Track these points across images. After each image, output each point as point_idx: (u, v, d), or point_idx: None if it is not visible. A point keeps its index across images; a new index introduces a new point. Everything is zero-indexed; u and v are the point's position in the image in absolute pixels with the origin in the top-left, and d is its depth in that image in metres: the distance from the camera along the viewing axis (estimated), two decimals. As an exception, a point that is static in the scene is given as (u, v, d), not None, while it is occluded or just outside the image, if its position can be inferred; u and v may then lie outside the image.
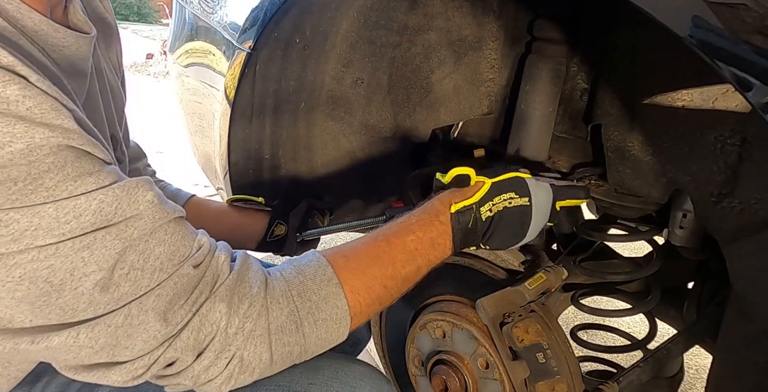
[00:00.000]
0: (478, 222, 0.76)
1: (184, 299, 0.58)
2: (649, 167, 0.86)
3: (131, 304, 0.54)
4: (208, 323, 0.58)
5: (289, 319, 0.63)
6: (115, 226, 0.53)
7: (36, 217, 0.48)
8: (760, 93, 0.49)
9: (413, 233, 0.73)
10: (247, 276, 0.63)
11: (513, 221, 0.78)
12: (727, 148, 0.72)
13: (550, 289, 0.91)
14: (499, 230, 0.78)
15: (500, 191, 0.77)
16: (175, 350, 0.57)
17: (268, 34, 0.99)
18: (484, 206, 0.76)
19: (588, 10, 0.94)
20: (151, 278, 0.55)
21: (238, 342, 0.60)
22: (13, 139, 0.47)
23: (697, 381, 1.81)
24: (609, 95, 0.90)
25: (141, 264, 0.55)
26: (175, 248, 0.58)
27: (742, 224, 0.70)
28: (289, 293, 0.64)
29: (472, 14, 1.07)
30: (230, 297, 0.60)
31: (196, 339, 0.58)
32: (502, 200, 0.77)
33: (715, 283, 0.99)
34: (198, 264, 0.60)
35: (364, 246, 0.72)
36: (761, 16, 0.47)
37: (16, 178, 0.47)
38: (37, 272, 0.49)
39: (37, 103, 0.48)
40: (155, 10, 13.00)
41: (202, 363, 0.59)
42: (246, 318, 0.60)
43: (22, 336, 0.53)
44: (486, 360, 0.92)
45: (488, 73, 1.14)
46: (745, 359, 0.71)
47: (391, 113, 1.14)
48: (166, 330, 0.56)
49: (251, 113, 1.09)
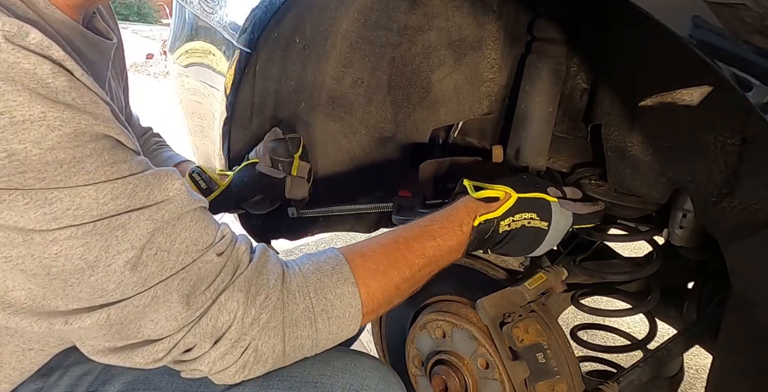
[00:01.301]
0: (494, 234, 0.78)
1: (206, 285, 0.60)
2: (649, 167, 0.86)
3: (157, 286, 0.57)
4: (226, 311, 0.61)
5: (303, 315, 0.65)
6: (148, 208, 0.56)
7: (78, 197, 0.52)
8: (760, 93, 0.49)
9: (434, 240, 0.75)
10: (266, 268, 0.65)
11: (526, 240, 0.81)
12: (727, 148, 0.72)
13: (550, 289, 0.92)
14: (511, 244, 0.81)
15: (524, 208, 0.79)
16: (194, 335, 0.59)
17: (268, 34, 0.99)
18: (504, 220, 0.78)
19: (588, 10, 0.94)
20: (176, 261, 0.58)
21: (253, 333, 0.62)
22: (63, 123, 0.50)
23: (697, 381, 1.81)
24: (609, 95, 0.90)
25: (168, 246, 0.58)
26: (199, 234, 0.61)
27: (742, 224, 0.70)
28: (305, 288, 0.66)
29: (472, 14, 1.07)
30: (248, 288, 0.62)
31: (214, 326, 0.60)
32: (523, 218, 0.79)
33: (715, 283, 0.99)
34: (221, 253, 0.62)
35: (383, 247, 0.73)
36: (761, 16, 0.47)
37: (63, 160, 0.50)
38: (72, 250, 0.52)
39: (80, 94, 0.52)
40: (155, 10, 13.02)
41: (219, 350, 0.61)
42: (262, 310, 0.62)
43: (57, 317, 0.56)
44: (486, 360, 0.92)
45: (488, 73, 1.14)
46: (745, 359, 0.71)
47: (391, 113, 1.14)
48: (187, 313, 0.59)
49: (251, 113, 1.09)
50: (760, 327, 0.67)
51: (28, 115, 0.48)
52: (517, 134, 1.05)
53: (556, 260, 1.01)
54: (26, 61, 0.48)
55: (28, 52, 0.48)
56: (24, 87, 0.48)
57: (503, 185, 0.81)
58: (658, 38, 0.78)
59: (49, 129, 0.49)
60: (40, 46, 0.49)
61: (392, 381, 0.74)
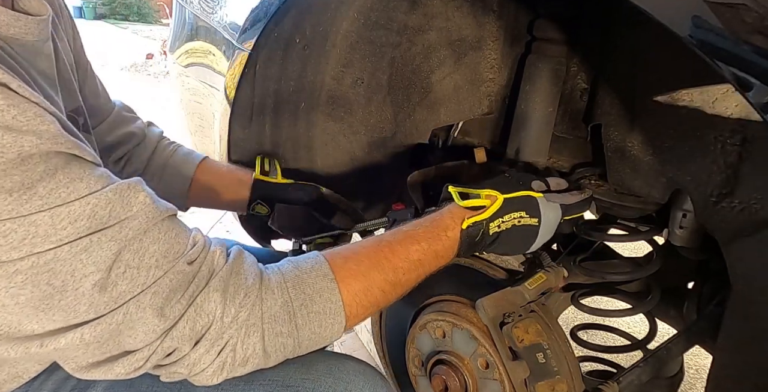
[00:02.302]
0: (485, 236, 0.77)
1: (180, 294, 0.59)
2: (649, 167, 0.86)
3: (129, 302, 0.56)
4: (204, 313, 0.59)
5: (282, 309, 0.63)
6: (110, 228, 0.54)
7: (33, 226, 0.49)
8: (760, 93, 0.49)
9: (418, 244, 0.74)
10: (242, 268, 0.64)
11: (519, 238, 0.81)
12: (727, 148, 0.72)
13: (551, 289, 0.91)
14: (504, 244, 0.80)
15: (512, 208, 0.78)
16: (172, 339, 0.58)
17: (268, 34, 0.99)
18: (494, 222, 0.77)
19: (588, 10, 0.94)
20: (147, 276, 0.57)
21: (231, 331, 0.61)
22: (3, 149, 0.47)
23: (697, 381, 1.81)
24: (609, 95, 0.90)
25: (137, 263, 0.56)
26: (169, 245, 0.59)
27: (742, 224, 0.70)
28: (284, 284, 0.65)
29: (472, 14, 1.07)
30: (225, 287, 0.61)
31: (192, 329, 0.59)
32: (512, 218, 0.78)
33: (715, 283, 0.99)
34: (193, 261, 0.61)
35: (365, 250, 0.72)
36: (761, 16, 0.47)
37: (11, 189, 0.48)
38: (38, 277, 0.51)
39: (21, 111, 0.48)
40: (155, 10, 13.00)
41: (198, 351, 0.60)
42: (241, 308, 0.61)
43: (32, 340, 0.54)
44: (486, 360, 0.92)
45: (488, 73, 1.14)
46: (745, 359, 0.71)
47: (391, 113, 1.14)
48: (164, 324, 0.58)
49: (251, 113, 1.09)
50: (760, 327, 0.67)
51: None
52: (517, 134, 1.05)
53: (556, 260, 1.01)
54: None
55: None
56: None
57: (488, 187, 0.80)
58: (658, 38, 0.78)
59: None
60: None
61: (378, 385, 0.73)
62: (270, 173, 1.10)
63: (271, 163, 1.12)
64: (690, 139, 0.78)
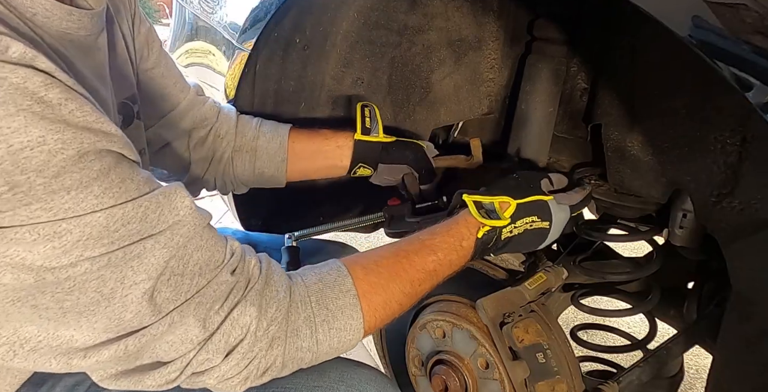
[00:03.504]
0: (497, 241, 0.78)
1: (220, 304, 0.58)
2: (649, 167, 0.86)
3: (174, 312, 0.55)
4: (239, 326, 0.59)
5: (305, 324, 0.63)
6: (162, 234, 0.54)
7: (88, 227, 0.48)
8: (760, 93, 0.49)
9: (435, 254, 0.73)
10: (273, 280, 0.64)
11: (530, 241, 0.82)
12: (727, 148, 0.72)
13: (551, 289, 0.91)
14: (514, 246, 0.81)
15: (525, 214, 0.79)
16: (207, 352, 0.58)
17: (268, 34, 0.99)
18: (507, 228, 0.77)
19: (588, 10, 0.94)
20: (191, 284, 0.56)
21: (262, 344, 0.60)
22: (65, 146, 0.46)
23: (697, 381, 1.81)
24: (609, 95, 0.90)
25: (181, 270, 0.55)
26: (211, 253, 0.58)
27: (742, 224, 0.70)
28: (308, 298, 0.65)
29: (472, 14, 1.07)
30: (260, 301, 0.61)
31: (227, 342, 0.58)
32: (524, 223, 0.79)
33: (715, 283, 0.99)
34: (234, 270, 0.61)
35: (385, 260, 0.72)
36: (761, 16, 0.47)
37: (70, 187, 0.46)
38: (87, 284, 0.49)
39: (78, 105, 0.47)
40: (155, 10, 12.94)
41: (229, 363, 0.59)
42: (272, 322, 0.61)
43: (75, 353, 0.53)
44: (486, 360, 0.92)
45: (488, 73, 1.14)
46: (745, 359, 0.71)
47: (391, 113, 1.14)
48: (203, 334, 0.57)
49: (251, 113, 1.09)
50: (760, 327, 0.67)
51: (27, 141, 0.44)
52: (517, 134, 1.05)
53: (556, 260, 1.01)
54: (14, 75, 0.43)
55: (14, 66, 0.44)
56: (17, 108, 0.43)
57: (499, 192, 0.80)
58: (658, 38, 0.78)
59: (51, 154, 0.45)
60: (24, 58, 0.45)
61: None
62: (372, 130, 1.01)
63: (372, 116, 1.02)
64: (690, 139, 0.78)
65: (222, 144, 1.00)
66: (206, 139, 0.99)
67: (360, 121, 1.00)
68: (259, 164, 1.01)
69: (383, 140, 1.01)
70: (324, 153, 1.02)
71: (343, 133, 1.02)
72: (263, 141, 1.01)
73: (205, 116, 0.99)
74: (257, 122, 1.03)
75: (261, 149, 1.01)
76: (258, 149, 1.01)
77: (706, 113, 0.74)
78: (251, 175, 1.03)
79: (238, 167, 1.02)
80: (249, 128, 1.02)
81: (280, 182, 1.05)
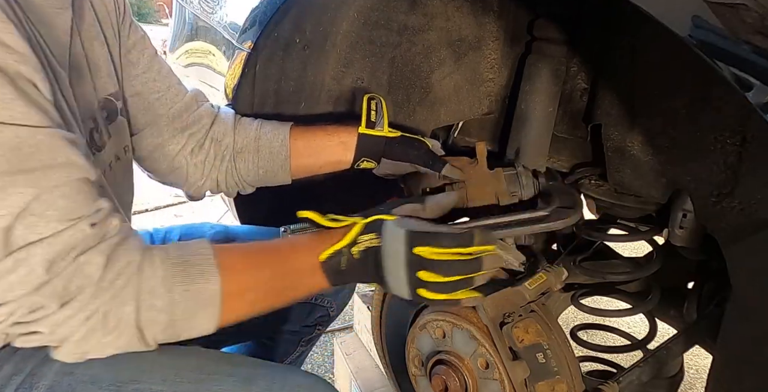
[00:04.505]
0: (353, 263, 0.74)
1: (69, 252, 0.59)
2: (649, 167, 0.86)
3: (21, 250, 0.56)
4: (83, 274, 0.59)
5: (161, 284, 0.63)
6: (33, 173, 0.55)
7: None
8: (760, 93, 0.49)
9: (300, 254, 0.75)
10: (130, 239, 0.65)
11: (372, 258, 0.75)
12: (727, 148, 0.72)
13: (551, 289, 0.91)
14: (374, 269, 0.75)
15: (368, 230, 0.75)
16: (42, 295, 0.57)
17: (268, 34, 0.99)
18: (354, 247, 0.74)
19: (588, 10, 0.94)
20: (46, 227, 0.57)
21: (105, 298, 0.60)
22: None
23: (697, 381, 1.81)
24: (609, 95, 0.90)
25: (40, 212, 0.56)
26: (76, 205, 0.59)
27: (742, 224, 0.70)
28: (168, 261, 0.65)
29: (472, 14, 1.07)
30: (110, 252, 0.61)
31: (66, 287, 0.58)
32: (364, 239, 0.75)
33: (715, 283, 0.99)
34: (93, 224, 0.61)
35: (246, 246, 0.76)
36: (761, 16, 0.47)
37: None
38: None
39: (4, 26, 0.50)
40: (155, 10, 12.96)
41: (65, 312, 0.59)
42: (119, 275, 0.61)
43: None
44: (486, 360, 0.92)
45: (488, 73, 1.14)
46: (745, 359, 0.71)
47: (391, 113, 1.14)
48: (45, 277, 0.57)
49: (251, 113, 1.09)
50: (760, 327, 0.67)
51: None
52: (517, 134, 1.05)
53: (556, 260, 1.02)
54: None
55: None
56: None
57: (354, 217, 0.79)
58: (658, 38, 0.78)
59: None
60: None
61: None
62: (376, 124, 0.99)
63: (378, 109, 1.00)
64: (690, 139, 0.78)
65: (221, 148, 1.00)
66: (203, 143, 1.00)
67: (365, 114, 0.99)
68: (262, 163, 1.02)
69: (387, 134, 0.99)
70: (327, 149, 1.02)
71: (346, 128, 1.01)
72: (265, 141, 1.01)
73: (200, 120, 0.99)
74: (258, 124, 1.03)
75: (263, 148, 1.01)
76: (260, 149, 1.01)
77: (706, 113, 0.74)
78: (255, 175, 1.03)
79: (241, 169, 1.02)
80: (250, 129, 1.02)
81: (285, 180, 1.05)
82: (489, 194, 0.99)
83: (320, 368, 2.01)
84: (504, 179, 0.99)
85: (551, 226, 0.87)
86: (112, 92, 0.85)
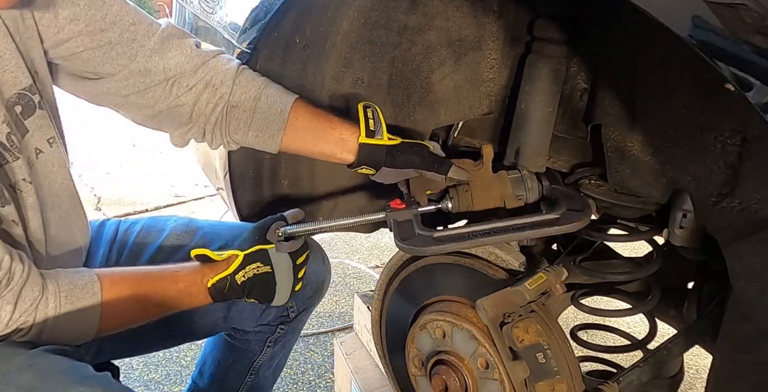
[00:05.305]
0: (234, 286, 0.96)
1: None
2: (649, 167, 0.86)
3: None
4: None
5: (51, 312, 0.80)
6: None
7: None
8: (760, 93, 0.49)
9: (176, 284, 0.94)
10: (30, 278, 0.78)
11: (263, 284, 0.99)
12: (727, 148, 0.72)
13: (551, 289, 0.91)
14: (255, 291, 0.99)
15: (250, 261, 0.97)
16: None
17: (268, 34, 0.99)
18: (238, 274, 0.96)
19: (588, 10, 0.94)
20: None
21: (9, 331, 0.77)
22: None
23: (697, 381, 1.81)
24: (609, 95, 0.90)
25: None
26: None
27: (742, 224, 0.70)
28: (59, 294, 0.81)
29: (472, 14, 1.07)
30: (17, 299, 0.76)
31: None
32: (251, 268, 0.97)
33: (715, 283, 0.99)
34: None
35: (132, 273, 0.95)
36: (761, 16, 0.47)
37: None
38: None
39: None
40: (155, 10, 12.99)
41: None
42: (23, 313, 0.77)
43: None
44: (486, 360, 0.92)
45: (488, 73, 1.14)
46: (745, 359, 0.71)
47: (391, 113, 1.14)
48: None
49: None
50: (760, 327, 0.68)
51: None
52: (517, 134, 1.05)
53: (556, 260, 1.02)
54: None
55: None
56: None
57: (233, 248, 0.98)
58: (657, 38, 0.78)
59: None
60: None
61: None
62: (376, 132, 0.97)
63: (375, 117, 0.98)
64: (690, 139, 0.78)
65: (215, 96, 0.95)
66: (194, 86, 0.94)
67: (363, 122, 0.97)
68: (254, 126, 0.97)
69: (388, 142, 0.98)
70: (325, 141, 0.99)
71: (349, 125, 0.99)
72: (263, 104, 0.96)
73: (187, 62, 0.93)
74: (262, 82, 0.98)
75: (260, 111, 0.96)
76: (257, 111, 0.96)
77: (706, 112, 0.74)
78: (244, 135, 0.99)
79: (231, 124, 0.98)
80: (252, 85, 0.97)
81: (273, 149, 1.01)
82: (495, 197, 0.99)
83: (320, 368, 2.01)
84: (509, 182, 0.99)
85: (564, 229, 0.87)
86: (24, 87, 0.83)
